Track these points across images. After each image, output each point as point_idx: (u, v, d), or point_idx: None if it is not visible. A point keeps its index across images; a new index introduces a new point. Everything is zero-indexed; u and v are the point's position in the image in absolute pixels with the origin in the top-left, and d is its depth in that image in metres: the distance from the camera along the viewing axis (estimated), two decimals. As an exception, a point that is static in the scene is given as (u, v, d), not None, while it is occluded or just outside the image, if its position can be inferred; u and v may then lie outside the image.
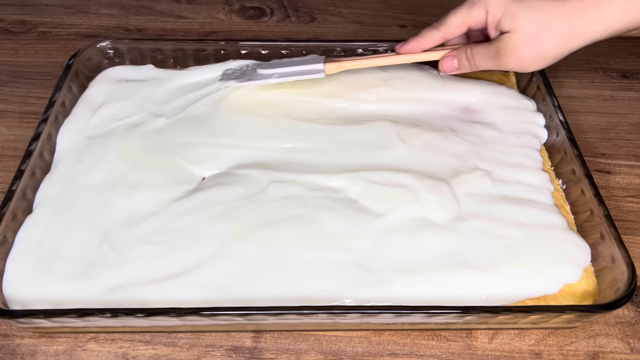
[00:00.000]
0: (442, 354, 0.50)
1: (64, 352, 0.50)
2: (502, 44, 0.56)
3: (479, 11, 0.56)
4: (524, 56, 0.55)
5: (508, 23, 0.55)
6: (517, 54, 0.55)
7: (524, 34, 0.54)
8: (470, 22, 0.58)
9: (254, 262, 0.51)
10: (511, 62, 0.56)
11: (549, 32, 0.54)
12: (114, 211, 0.55)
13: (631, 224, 0.60)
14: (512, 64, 0.57)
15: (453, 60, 0.60)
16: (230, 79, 0.65)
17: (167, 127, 0.62)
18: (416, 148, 0.60)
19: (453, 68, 0.61)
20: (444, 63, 0.61)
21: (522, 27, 0.54)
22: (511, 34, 0.55)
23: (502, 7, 0.55)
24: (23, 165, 0.56)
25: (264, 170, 0.57)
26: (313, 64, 0.63)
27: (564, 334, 0.51)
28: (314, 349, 0.50)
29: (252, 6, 0.88)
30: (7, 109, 0.71)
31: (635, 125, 0.70)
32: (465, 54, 0.59)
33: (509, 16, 0.55)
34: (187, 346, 0.50)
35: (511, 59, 0.56)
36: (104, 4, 0.88)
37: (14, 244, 0.52)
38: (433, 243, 0.52)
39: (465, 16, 0.57)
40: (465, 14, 0.57)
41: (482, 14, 0.56)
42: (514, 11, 0.54)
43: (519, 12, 0.54)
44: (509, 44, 0.55)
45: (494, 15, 0.56)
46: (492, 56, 0.57)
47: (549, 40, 0.54)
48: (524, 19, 0.54)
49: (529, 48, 0.55)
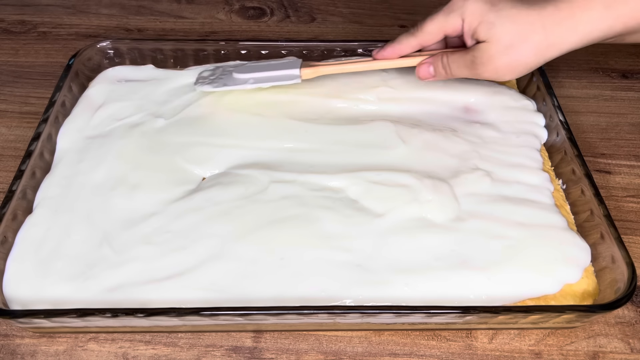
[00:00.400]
0: (442, 354, 0.50)
1: (64, 352, 0.50)
2: (478, 53, 0.55)
3: (455, 19, 0.56)
4: (500, 66, 0.55)
5: (484, 32, 0.54)
6: (493, 64, 0.55)
7: (500, 44, 0.54)
8: (447, 30, 0.57)
9: (254, 262, 0.51)
10: (487, 71, 0.56)
11: (525, 42, 0.53)
12: (114, 211, 0.55)
13: (631, 224, 0.60)
14: (487, 73, 0.56)
15: (429, 67, 0.60)
16: (205, 83, 0.65)
17: (167, 127, 0.62)
18: (416, 148, 0.60)
19: (429, 75, 0.60)
20: (420, 70, 0.60)
21: (499, 37, 0.54)
22: (487, 44, 0.54)
23: (479, 16, 0.54)
24: (23, 165, 0.56)
25: (264, 170, 0.57)
26: (289, 69, 0.63)
27: (564, 334, 0.51)
28: (314, 349, 0.50)
29: (252, 6, 0.88)
30: (7, 109, 0.71)
31: (635, 125, 0.70)
32: (442, 61, 0.59)
33: (486, 25, 0.54)
34: (187, 346, 0.50)
35: (487, 69, 0.55)
36: (104, 4, 0.88)
37: (14, 244, 0.52)
38: (433, 243, 0.52)
39: (441, 24, 0.57)
40: (441, 21, 0.57)
41: (458, 22, 0.56)
42: (491, 20, 0.54)
43: (495, 21, 0.53)
44: (485, 54, 0.55)
45: (470, 24, 0.55)
46: (468, 65, 0.57)
47: (524, 50, 0.54)
48: (501, 29, 0.53)
49: (505, 58, 0.54)
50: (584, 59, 0.78)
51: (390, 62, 0.61)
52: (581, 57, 0.78)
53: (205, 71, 0.68)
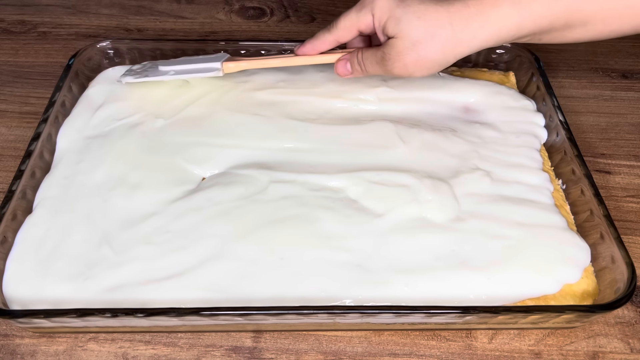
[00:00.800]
0: (442, 354, 0.50)
1: (64, 352, 0.50)
2: (387, 49, 0.55)
3: (367, 15, 0.56)
4: (408, 62, 0.54)
5: (392, 28, 0.54)
6: (401, 60, 0.54)
7: (407, 40, 0.53)
8: (360, 26, 0.57)
9: (254, 262, 0.51)
10: (396, 67, 0.55)
11: (433, 38, 0.53)
12: (114, 211, 0.55)
13: (631, 224, 0.60)
14: (397, 69, 0.56)
15: (346, 64, 0.59)
16: (129, 75, 0.65)
17: (167, 127, 0.62)
18: (416, 148, 0.60)
19: (347, 72, 0.60)
20: (338, 66, 0.60)
21: (406, 33, 0.53)
22: (396, 40, 0.54)
23: (387, 12, 0.54)
24: (23, 165, 0.56)
25: (264, 170, 0.57)
26: (211, 62, 0.64)
27: (564, 334, 0.51)
28: (314, 349, 0.50)
29: (252, 6, 0.88)
30: (7, 109, 0.71)
31: (635, 125, 0.70)
32: (357, 58, 0.58)
33: (393, 21, 0.54)
34: (187, 346, 0.50)
35: (396, 65, 0.55)
36: (104, 4, 0.88)
37: (14, 244, 0.52)
38: (433, 243, 0.52)
39: (354, 20, 0.56)
40: (354, 17, 0.56)
41: (369, 18, 0.56)
42: (398, 16, 0.53)
43: (402, 17, 0.53)
44: (394, 50, 0.54)
45: (380, 20, 0.55)
46: (379, 61, 0.56)
47: (432, 46, 0.53)
48: (408, 25, 0.53)
49: (413, 54, 0.54)
50: (584, 59, 0.78)
51: (311, 58, 0.61)
52: (581, 57, 0.78)
53: (137, 65, 0.68)
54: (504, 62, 0.71)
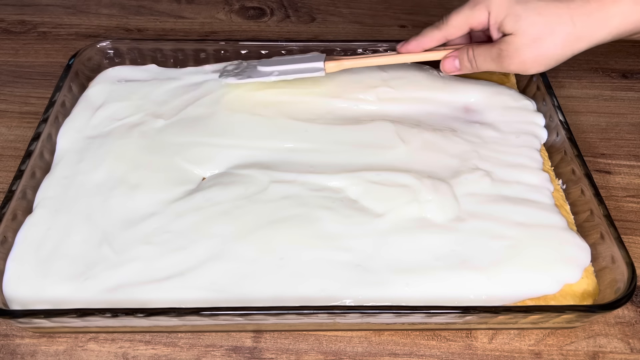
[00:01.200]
0: (442, 354, 0.50)
1: (64, 352, 0.50)
2: (504, 46, 0.55)
3: (481, 12, 0.56)
4: (527, 59, 0.55)
5: (511, 25, 0.54)
6: (519, 57, 0.55)
7: (527, 37, 0.54)
8: (472, 23, 0.57)
9: (254, 262, 0.51)
10: (513, 64, 0.56)
11: (553, 35, 0.53)
12: (114, 211, 0.55)
13: (631, 224, 0.60)
14: (514, 66, 0.56)
15: (455, 60, 0.60)
16: (229, 76, 0.65)
17: (167, 127, 0.62)
18: (416, 148, 0.60)
19: (454, 69, 0.60)
20: (446, 63, 0.61)
21: (525, 30, 0.54)
22: (514, 36, 0.54)
23: (505, 9, 0.54)
24: (23, 165, 0.56)
25: (264, 170, 0.57)
26: (313, 62, 0.63)
27: (564, 334, 0.51)
28: (314, 349, 0.50)
29: (252, 6, 0.88)
30: (7, 109, 0.71)
31: (635, 125, 0.70)
32: (467, 55, 0.59)
33: (512, 18, 0.54)
34: (187, 346, 0.50)
35: (514, 62, 0.55)
36: (104, 4, 0.88)
37: (14, 244, 0.52)
38: (433, 243, 0.52)
39: (467, 16, 0.57)
40: (467, 14, 0.57)
41: (484, 15, 0.56)
42: (517, 13, 0.54)
43: (522, 14, 0.53)
44: (512, 46, 0.55)
45: (497, 17, 0.55)
46: (495, 58, 0.57)
47: (552, 42, 0.54)
48: (527, 21, 0.53)
49: (532, 51, 0.54)
50: (584, 59, 0.78)
51: (415, 55, 0.61)
52: (581, 57, 0.77)
53: (230, 65, 0.68)
54: (504, 62, 0.71)
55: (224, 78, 0.65)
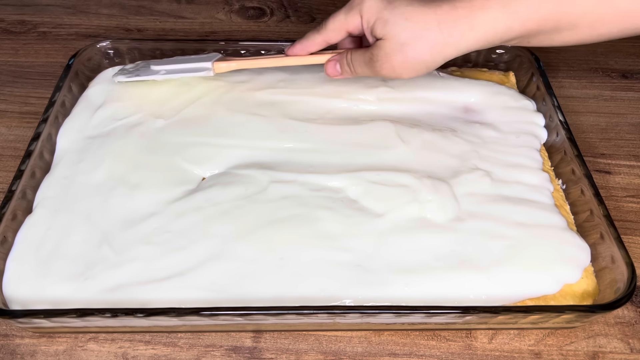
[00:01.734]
0: (442, 354, 0.50)
1: (64, 352, 0.50)
2: (375, 51, 0.55)
3: (355, 16, 0.55)
4: (396, 64, 0.54)
5: (380, 29, 0.54)
6: (389, 62, 0.54)
7: (395, 42, 0.53)
8: (348, 27, 0.57)
9: (254, 262, 0.51)
10: (384, 69, 0.55)
11: (420, 40, 0.53)
12: (114, 211, 0.55)
13: (631, 224, 0.60)
14: (385, 71, 0.55)
15: (336, 64, 0.59)
16: (121, 74, 0.66)
17: (167, 127, 0.62)
18: (416, 148, 0.60)
19: (336, 73, 0.60)
20: (328, 67, 0.60)
21: (394, 35, 0.53)
22: (384, 41, 0.54)
23: (375, 13, 0.54)
24: (23, 165, 0.56)
25: (264, 170, 0.57)
26: (203, 62, 0.64)
27: (564, 334, 0.51)
28: (314, 349, 0.50)
29: (252, 6, 0.88)
30: (7, 109, 0.71)
31: (635, 125, 0.70)
32: (346, 59, 0.58)
33: (381, 22, 0.53)
34: (187, 346, 0.50)
35: (384, 66, 0.55)
36: (104, 4, 0.88)
37: (14, 244, 0.52)
38: (433, 243, 0.52)
39: (342, 21, 0.56)
40: (342, 19, 0.56)
41: (357, 20, 0.55)
42: (386, 18, 0.53)
43: (390, 18, 0.53)
44: (382, 51, 0.54)
45: (368, 21, 0.55)
46: (367, 62, 0.56)
47: (420, 48, 0.53)
48: (395, 26, 0.53)
49: (400, 56, 0.54)
50: (584, 59, 0.78)
51: (301, 58, 0.61)
52: (581, 57, 0.78)
53: (130, 64, 0.69)
54: (504, 62, 0.71)
55: (116, 76, 0.66)
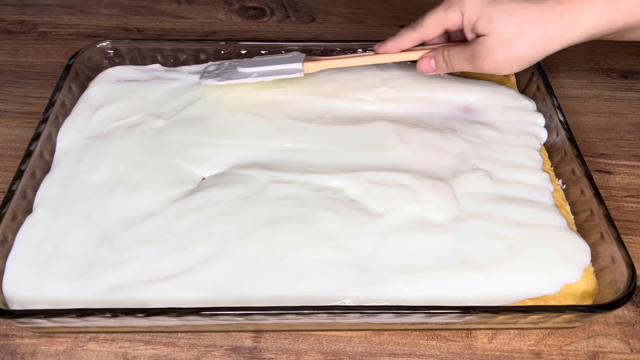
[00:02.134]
0: (442, 354, 0.50)
1: (64, 352, 0.50)
2: (478, 47, 0.55)
3: (455, 13, 0.56)
4: (500, 59, 0.55)
5: (484, 26, 0.54)
6: (492, 58, 0.55)
7: (499, 38, 0.54)
8: (446, 24, 0.57)
9: (254, 262, 0.51)
10: (487, 65, 0.56)
11: (525, 36, 0.53)
12: (114, 211, 0.55)
13: (631, 224, 0.60)
14: (487, 67, 0.56)
15: (430, 61, 0.60)
16: (210, 77, 0.65)
17: (167, 127, 0.62)
18: (416, 148, 0.60)
19: (430, 69, 0.60)
20: (422, 64, 0.60)
21: (498, 31, 0.54)
22: (487, 38, 0.54)
23: (478, 10, 0.54)
24: (23, 165, 0.56)
25: (264, 170, 0.57)
26: (292, 63, 0.63)
27: (564, 334, 0.51)
28: (314, 349, 0.50)
29: (252, 6, 0.88)
30: (7, 109, 0.71)
31: (635, 125, 0.70)
32: (442, 55, 0.59)
33: (485, 19, 0.54)
34: (187, 346, 0.50)
35: (487, 62, 0.55)
36: (104, 4, 0.88)
37: (14, 244, 0.52)
38: (433, 243, 0.52)
39: (441, 18, 0.57)
40: (441, 15, 0.57)
41: (458, 16, 0.56)
42: (490, 14, 0.54)
43: (494, 15, 0.53)
44: (485, 48, 0.55)
45: (470, 18, 0.55)
46: (468, 59, 0.57)
47: (524, 43, 0.54)
48: (500, 23, 0.53)
49: (504, 52, 0.54)
50: (584, 59, 0.78)
51: (392, 56, 0.61)
52: (581, 57, 0.78)
53: (212, 65, 0.68)
54: (504, 62, 0.71)
55: (204, 79, 0.65)
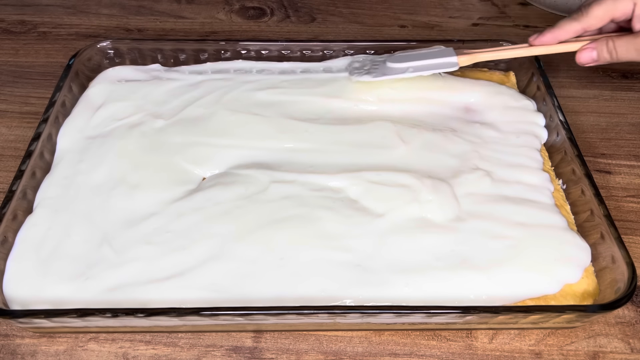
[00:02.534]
0: (442, 354, 0.50)
1: (64, 352, 0.50)
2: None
3: (626, 3, 0.55)
4: None
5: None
6: None
7: None
8: (615, 14, 0.56)
9: (254, 262, 0.51)
10: None
11: None
12: (114, 211, 0.55)
13: (631, 224, 0.60)
14: None
15: (592, 52, 0.58)
16: (362, 74, 0.65)
17: (167, 127, 0.62)
18: (416, 148, 0.60)
19: (591, 60, 0.59)
20: (582, 55, 0.59)
21: None
22: None
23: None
24: (23, 165, 0.56)
25: (264, 170, 0.57)
26: (446, 57, 0.63)
27: (564, 334, 0.51)
28: (314, 349, 0.50)
29: (252, 6, 0.88)
30: (8, 109, 0.71)
31: (635, 125, 0.70)
32: (607, 46, 0.57)
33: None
34: (187, 346, 0.50)
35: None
36: (104, 4, 0.88)
37: (14, 244, 0.52)
38: (433, 243, 0.52)
39: (609, 8, 0.56)
40: (610, 5, 0.55)
41: (629, 6, 0.55)
42: None
43: None
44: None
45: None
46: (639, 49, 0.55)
47: None
48: None
49: None
50: (584, 59, 0.78)
51: (549, 47, 0.61)
52: (581, 57, 0.78)
53: (355, 62, 0.68)
54: (504, 61, 0.71)
55: (357, 76, 0.65)
